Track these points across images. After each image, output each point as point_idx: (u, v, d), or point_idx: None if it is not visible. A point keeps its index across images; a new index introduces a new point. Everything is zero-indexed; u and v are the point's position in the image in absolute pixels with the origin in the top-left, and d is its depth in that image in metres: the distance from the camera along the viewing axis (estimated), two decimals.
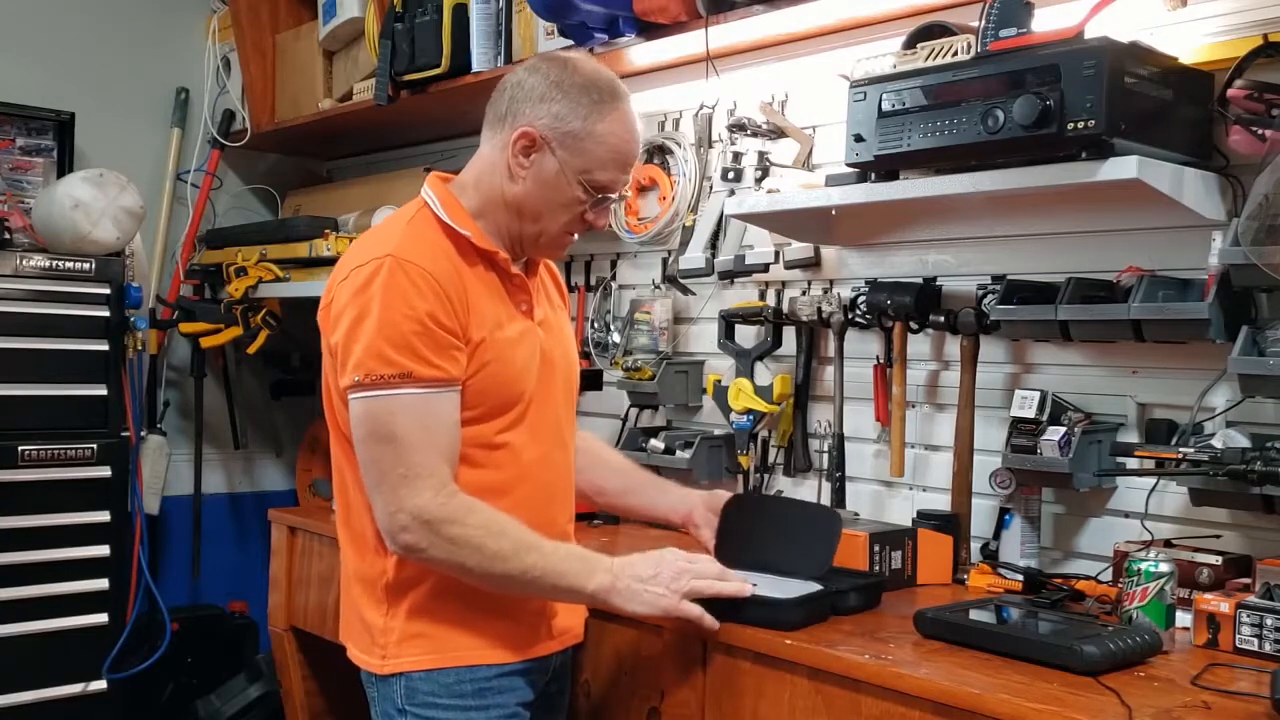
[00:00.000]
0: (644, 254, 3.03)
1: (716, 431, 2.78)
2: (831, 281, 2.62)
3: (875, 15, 2.24)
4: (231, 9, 3.71)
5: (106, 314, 3.16)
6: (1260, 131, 1.89)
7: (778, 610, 1.78)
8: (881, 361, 2.49)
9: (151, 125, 3.81)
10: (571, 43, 2.56)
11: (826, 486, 2.55)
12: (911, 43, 2.14)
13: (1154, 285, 1.98)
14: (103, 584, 3.12)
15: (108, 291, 3.16)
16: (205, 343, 3.69)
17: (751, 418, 2.61)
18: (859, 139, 2.14)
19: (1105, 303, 2.03)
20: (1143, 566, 1.75)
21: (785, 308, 2.63)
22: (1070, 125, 1.82)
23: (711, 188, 2.82)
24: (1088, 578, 2.01)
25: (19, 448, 2.99)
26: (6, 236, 3.06)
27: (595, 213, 1.79)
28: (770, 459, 2.71)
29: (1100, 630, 1.68)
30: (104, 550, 3.13)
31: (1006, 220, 2.29)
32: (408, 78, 3.02)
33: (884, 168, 2.15)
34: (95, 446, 3.11)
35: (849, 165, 2.20)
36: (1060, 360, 2.24)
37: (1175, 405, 2.07)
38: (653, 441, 2.78)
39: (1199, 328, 1.91)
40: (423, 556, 1.65)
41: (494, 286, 1.76)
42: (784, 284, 2.72)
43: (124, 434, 3.19)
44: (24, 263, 3.04)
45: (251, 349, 3.61)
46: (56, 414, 3.09)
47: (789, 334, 2.66)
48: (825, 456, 2.57)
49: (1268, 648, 1.67)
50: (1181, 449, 1.91)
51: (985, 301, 2.26)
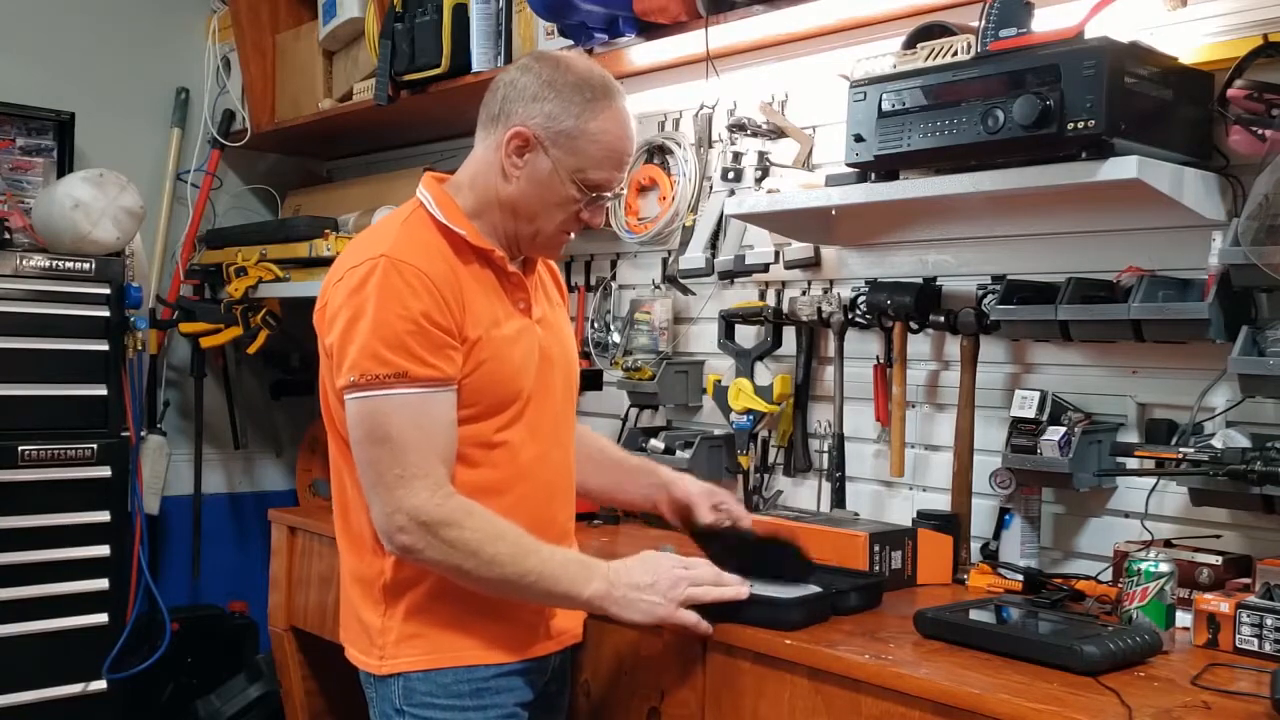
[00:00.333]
0: (644, 254, 3.03)
1: (716, 431, 2.78)
2: (831, 281, 2.62)
3: (875, 15, 2.25)
4: (231, 9, 3.71)
5: (106, 314, 3.16)
6: (1260, 131, 1.89)
7: (778, 610, 1.78)
8: (881, 361, 2.49)
9: (151, 125, 3.81)
10: (571, 43, 2.56)
11: (826, 486, 2.55)
12: (911, 43, 2.14)
13: (1154, 285, 1.98)
14: (103, 584, 3.12)
15: (108, 291, 3.16)
16: (205, 343, 3.69)
17: (751, 418, 2.61)
18: (859, 139, 2.14)
19: (1105, 303, 2.03)
20: (1143, 566, 1.75)
21: (785, 308, 2.63)
22: (1070, 125, 1.82)
23: (711, 188, 2.82)
24: (1088, 578, 2.01)
25: (19, 448, 2.99)
26: (6, 236, 3.07)
27: (590, 211, 1.78)
28: (770, 459, 2.71)
29: (1100, 630, 1.68)
30: (104, 550, 3.13)
31: (1006, 220, 2.29)
32: (408, 78, 3.02)
33: (884, 168, 2.15)
34: (95, 446, 3.11)
35: (849, 165, 2.20)
36: (1060, 360, 2.24)
37: (1175, 405, 2.07)
38: (653, 441, 2.78)
39: (1199, 328, 1.91)
40: (419, 557, 1.65)
41: (490, 285, 1.75)
42: (784, 284, 2.72)
43: (124, 434, 3.19)
44: (24, 263, 3.04)
45: (251, 349, 3.62)
46: (56, 414, 3.08)
47: (789, 334, 2.66)
48: (825, 456, 2.57)
49: (1268, 648, 1.67)
50: (1181, 449, 1.91)
51: (985, 301, 2.26)
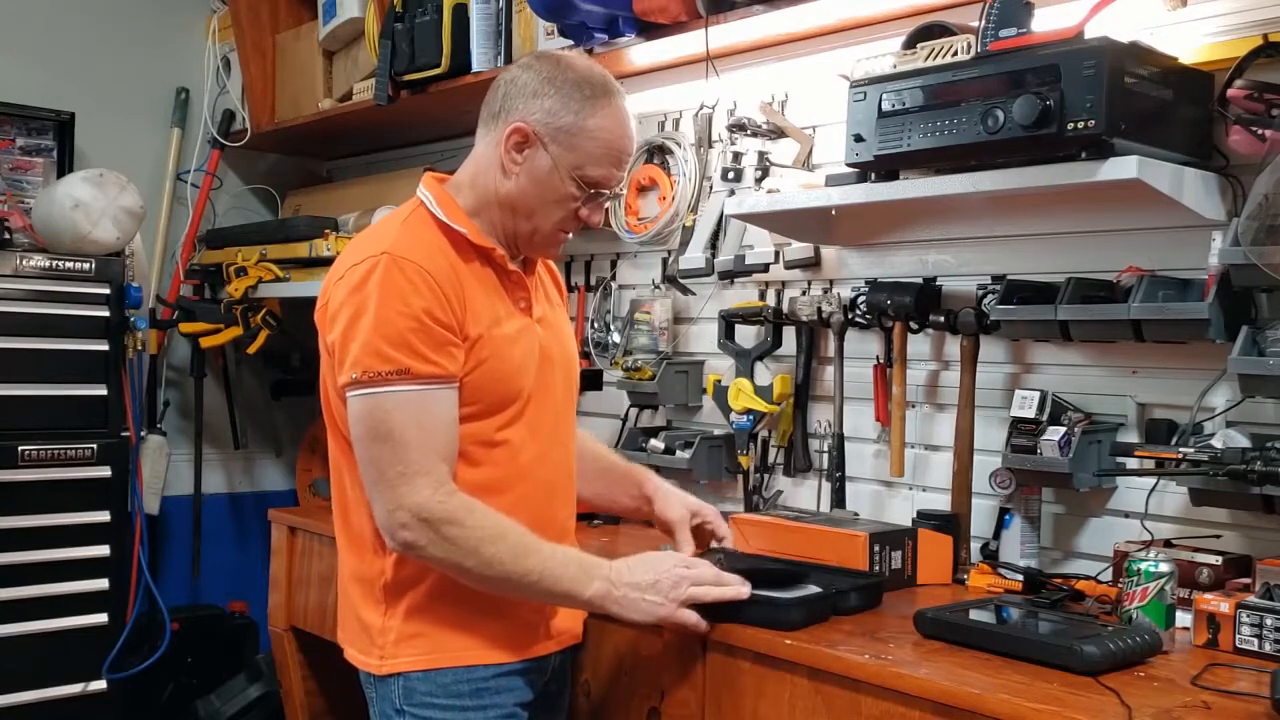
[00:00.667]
0: (644, 254, 3.03)
1: (716, 431, 2.78)
2: (831, 281, 2.62)
3: (875, 15, 2.25)
4: (231, 9, 3.71)
5: (106, 314, 3.16)
6: (1260, 131, 1.89)
7: (778, 610, 1.78)
8: (881, 361, 2.49)
9: (151, 125, 3.81)
10: (571, 43, 2.56)
11: (826, 486, 2.55)
12: (911, 43, 2.14)
13: (1154, 285, 1.98)
14: (103, 584, 3.12)
15: (108, 291, 3.16)
16: (205, 343, 3.69)
17: (751, 418, 2.61)
18: (859, 139, 2.14)
19: (1105, 303, 2.03)
20: (1143, 566, 1.75)
21: (785, 308, 2.63)
22: (1070, 125, 1.82)
23: (711, 188, 2.81)
24: (1088, 578, 2.00)
25: (19, 448, 2.99)
26: (6, 236, 3.07)
27: (589, 209, 1.78)
28: (770, 459, 2.71)
29: (1100, 630, 1.68)
30: (104, 550, 3.13)
31: (1006, 220, 2.29)
32: (408, 78, 3.02)
33: (884, 168, 2.15)
34: (95, 446, 3.11)
35: (849, 165, 2.20)
36: (1060, 360, 2.23)
37: (1175, 405, 2.06)
38: (653, 441, 2.78)
39: (1199, 328, 1.91)
40: (421, 554, 1.65)
41: (491, 283, 1.75)
42: (784, 284, 2.72)
43: (124, 434, 3.19)
44: (24, 263, 3.04)
45: (251, 349, 3.62)
46: (56, 414, 3.09)
47: (789, 334, 2.66)
48: (825, 456, 2.57)
49: (1268, 648, 1.67)
50: (1181, 449, 1.91)
51: (985, 301, 2.26)
